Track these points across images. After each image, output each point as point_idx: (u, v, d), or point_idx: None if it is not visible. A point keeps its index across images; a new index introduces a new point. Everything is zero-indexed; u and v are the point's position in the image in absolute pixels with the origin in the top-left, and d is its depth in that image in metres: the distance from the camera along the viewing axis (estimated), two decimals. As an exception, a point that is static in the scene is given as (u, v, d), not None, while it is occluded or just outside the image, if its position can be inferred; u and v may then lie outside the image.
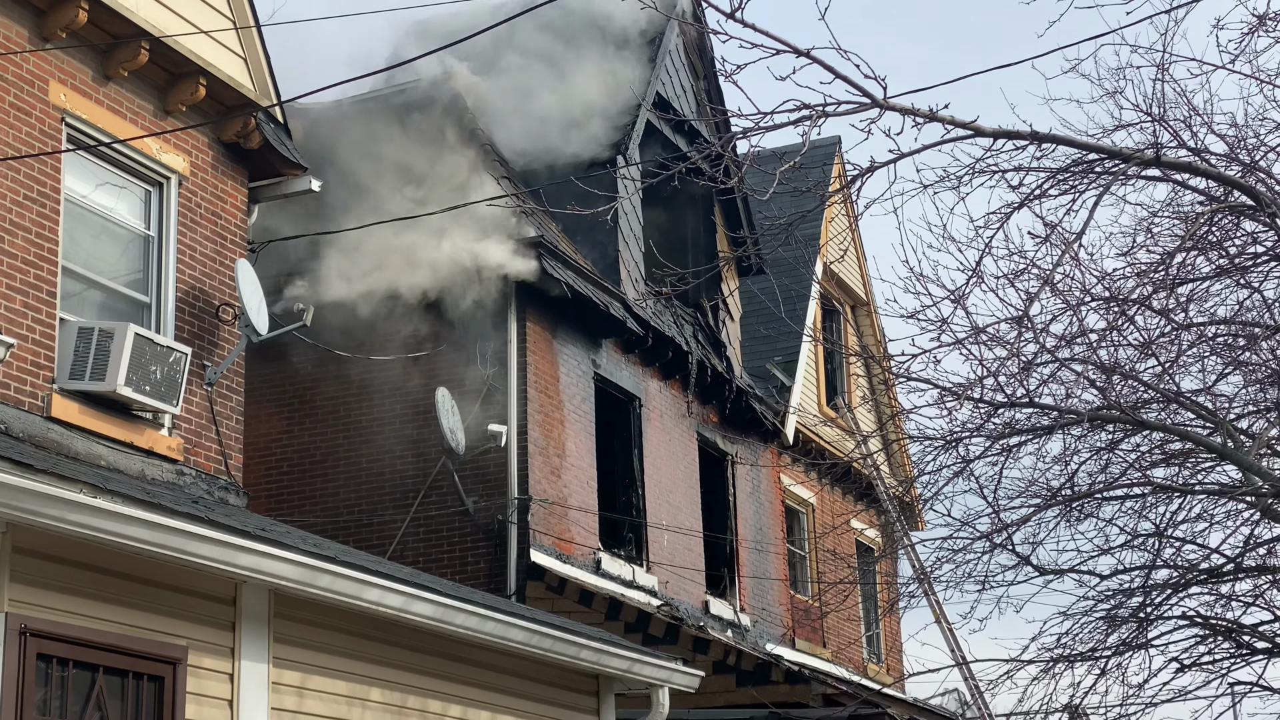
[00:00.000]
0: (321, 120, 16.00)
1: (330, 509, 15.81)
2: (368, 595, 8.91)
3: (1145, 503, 10.25)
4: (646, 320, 17.24)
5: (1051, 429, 9.45)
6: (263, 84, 12.36)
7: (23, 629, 7.14)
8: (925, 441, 9.69)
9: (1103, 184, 8.29)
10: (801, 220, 8.57)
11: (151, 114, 11.60)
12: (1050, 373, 9.34)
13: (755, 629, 19.56)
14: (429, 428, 15.47)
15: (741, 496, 20.04)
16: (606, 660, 11.15)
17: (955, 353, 8.92)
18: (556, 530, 15.72)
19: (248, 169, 12.55)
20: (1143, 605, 10.38)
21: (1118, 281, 9.38)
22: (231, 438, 11.95)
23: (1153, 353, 9.54)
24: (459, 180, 15.85)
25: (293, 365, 16.01)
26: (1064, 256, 8.61)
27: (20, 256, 10.27)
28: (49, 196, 10.59)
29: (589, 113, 17.45)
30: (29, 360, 10.23)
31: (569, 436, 16.28)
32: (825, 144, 21.60)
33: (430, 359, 15.81)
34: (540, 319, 16.05)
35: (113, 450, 10.69)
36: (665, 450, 18.15)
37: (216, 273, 12.04)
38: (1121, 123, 9.28)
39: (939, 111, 7.70)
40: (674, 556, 17.80)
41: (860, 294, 24.27)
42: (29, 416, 10.09)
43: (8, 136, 10.32)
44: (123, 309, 11.31)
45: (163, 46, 11.29)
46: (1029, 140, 8.03)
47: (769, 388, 20.91)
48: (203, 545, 7.75)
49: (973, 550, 9.97)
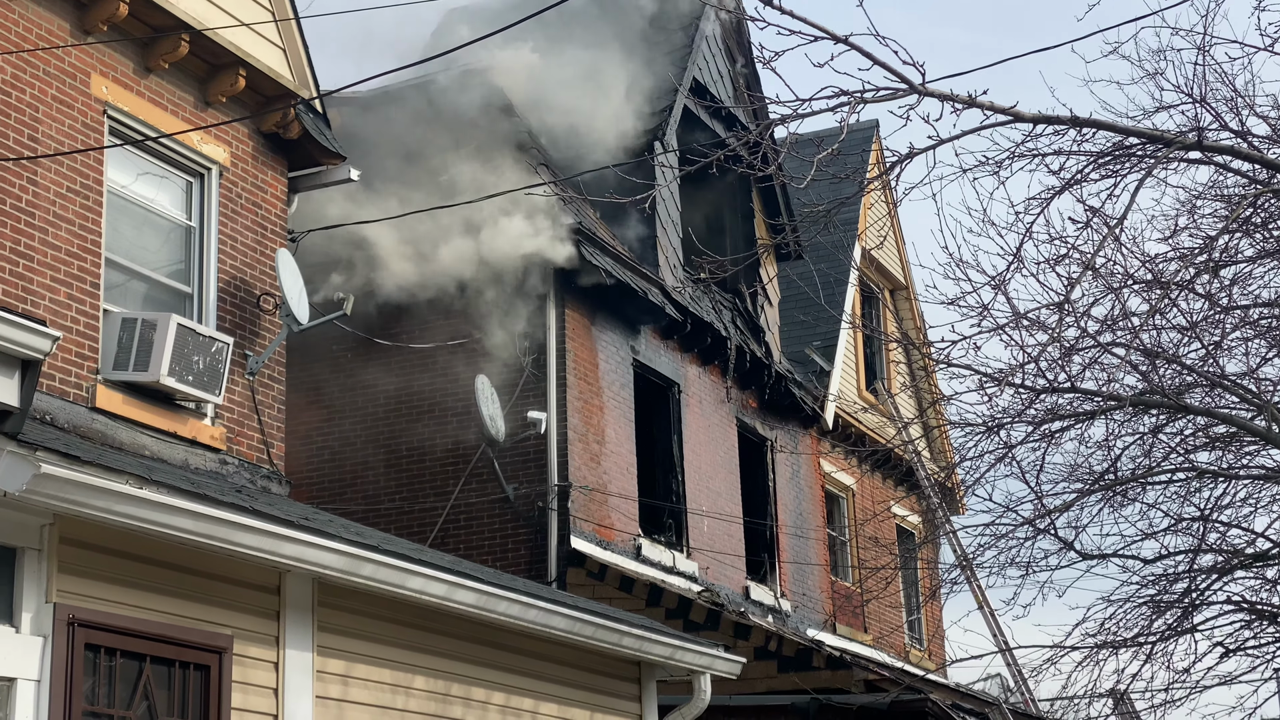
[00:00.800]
0: (361, 108, 16.05)
1: (371, 497, 15.89)
2: (411, 584, 8.95)
3: (1189, 487, 10.19)
4: (685, 306, 17.23)
5: (1094, 414, 9.41)
6: (301, 74, 12.41)
7: (71, 619, 7.21)
8: (967, 427, 9.66)
9: (1145, 168, 8.23)
10: (840, 207, 8.55)
11: (192, 105, 11.66)
12: (1092, 357, 9.30)
13: (796, 614, 19.56)
14: (469, 415, 15.52)
15: (781, 482, 20.03)
16: (648, 647, 11.17)
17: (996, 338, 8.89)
18: (597, 517, 15.75)
19: (287, 159, 12.61)
20: (1188, 590, 10.33)
21: (1160, 265, 9.33)
22: (273, 426, 12.02)
23: (1196, 336, 9.48)
24: (497, 168, 15.87)
25: (333, 354, 16.08)
26: (1105, 241, 8.56)
27: (65, 249, 10.35)
28: (92, 189, 10.66)
29: (626, 99, 17.44)
30: (73, 351, 10.31)
31: (608, 423, 16.30)
32: (863, 128, 21.52)
33: (470, 346, 15.85)
34: (579, 306, 16.07)
35: (156, 440, 10.77)
36: (704, 436, 18.15)
37: (257, 262, 12.11)
38: (1162, 104, 9.23)
39: (978, 97, 7.67)
40: (714, 542, 17.82)
41: (899, 279, 24.19)
42: (74, 407, 10.17)
43: (51, 130, 10.39)
44: (165, 299, 11.38)
45: (203, 38, 11.34)
46: (1069, 125, 7.98)
47: (808, 373, 20.88)
48: (247, 535, 7.80)
49: (1016, 536, 9.94)
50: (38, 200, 10.21)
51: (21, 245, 10.04)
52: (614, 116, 17.32)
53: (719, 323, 18.23)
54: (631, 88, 17.53)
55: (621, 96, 17.41)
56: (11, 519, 7.00)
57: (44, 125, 10.35)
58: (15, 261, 9.99)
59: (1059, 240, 8.89)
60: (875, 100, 7.48)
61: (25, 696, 6.98)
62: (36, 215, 10.19)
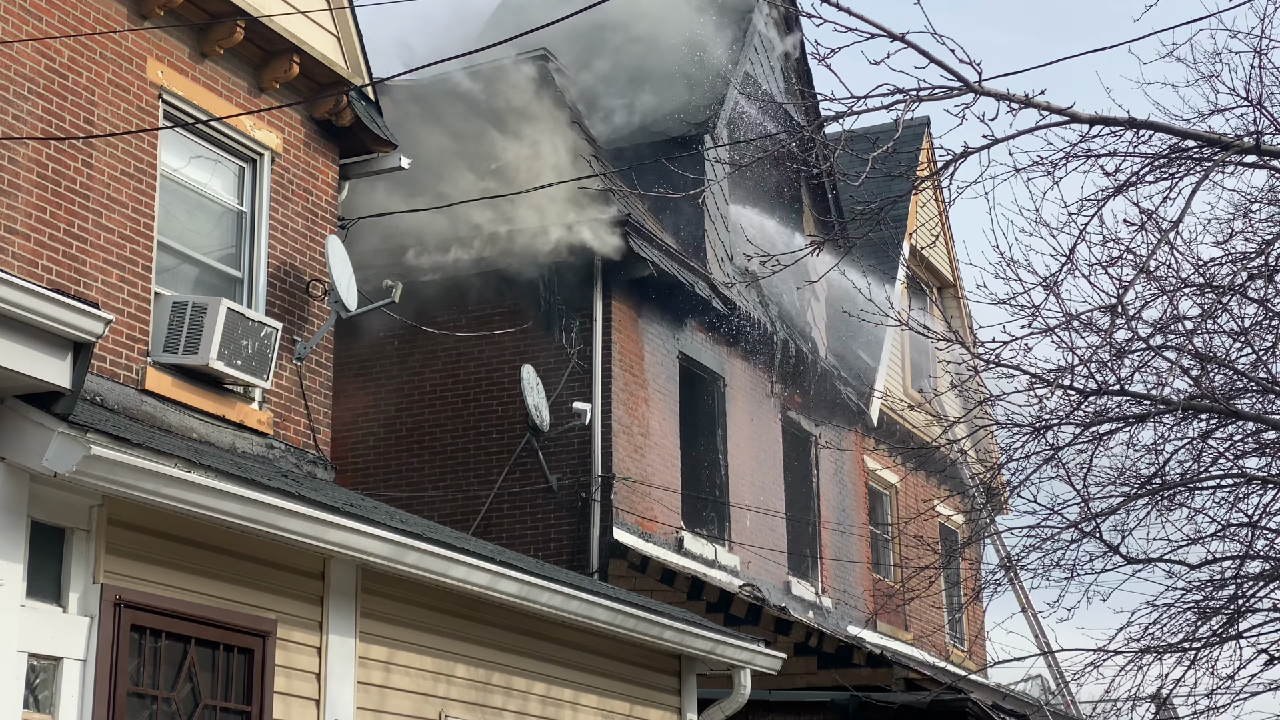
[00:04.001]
0: (413, 94, 16.09)
1: (415, 484, 15.95)
2: (454, 572, 8.98)
3: (1238, 493, 10.10)
4: (731, 300, 17.21)
5: (1143, 417, 9.33)
6: (354, 61, 12.45)
7: (117, 600, 7.27)
8: (1014, 428, 9.60)
9: (1201, 171, 8.15)
10: (891, 205, 8.51)
11: (245, 91, 11.71)
12: (1143, 361, 9.23)
13: (836, 611, 19.51)
14: (514, 404, 15.55)
15: (824, 478, 19.98)
16: (689, 641, 11.17)
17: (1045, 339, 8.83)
18: (639, 509, 15.76)
19: (339, 146, 12.66)
20: (1234, 597, 10.24)
21: (1213, 269, 9.24)
22: (320, 412, 12.08)
23: (1248, 341, 9.39)
24: (548, 158, 15.89)
25: (380, 340, 16.15)
26: (1160, 244, 8.48)
27: (118, 231, 10.43)
28: (145, 172, 10.73)
29: (677, 91, 17.42)
30: (124, 334, 10.39)
31: (653, 415, 16.30)
32: (914, 124, 21.39)
33: (516, 336, 15.88)
34: (626, 297, 16.07)
35: (204, 423, 10.84)
36: (749, 430, 18.13)
37: (307, 248, 12.16)
38: (1218, 107, 9.14)
39: (1034, 97, 7.61)
40: (756, 537, 17.80)
41: (948, 276, 24.07)
42: (124, 389, 10.25)
43: (107, 113, 10.47)
44: (215, 283, 11.46)
45: (258, 25, 11.40)
46: (1126, 126, 7.91)
47: (854, 369, 20.81)
48: (293, 520, 7.84)
49: (1061, 538, 9.88)
50: (92, 183, 10.29)
51: (76, 227, 10.12)
52: (665, 108, 17.31)
53: (766, 317, 18.19)
54: (683, 80, 17.50)
55: (673, 88, 17.39)
56: (61, 499, 7.06)
57: (100, 109, 10.43)
58: (69, 243, 10.07)
59: (1112, 242, 8.82)
60: (931, 99, 7.44)
61: (71, 676, 7.04)
62: (91, 197, 10.27)
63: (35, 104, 9.98)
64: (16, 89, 9.87)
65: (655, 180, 15.53)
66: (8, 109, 9.78)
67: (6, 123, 9.76)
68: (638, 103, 17.50)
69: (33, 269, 9.73)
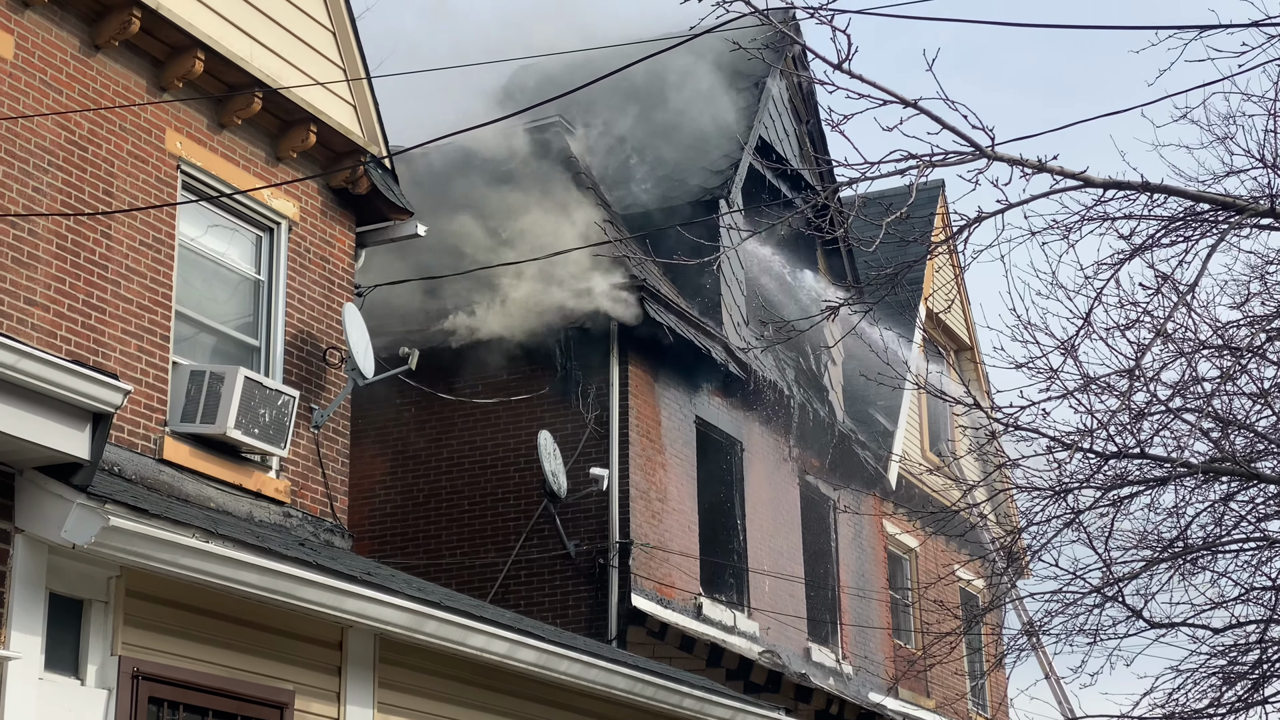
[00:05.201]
0: (429, 164, 16.18)
1: (433, 551, 15.90)
2: (473, 641, 8.94)
3: (1261, 557, 10.03)
4: (748, 364, 17.20)
5: (1164, 480, 9.28)
6: (371, 130, 12.53)
7: (135, 672, 7.24)
8: (1034, 492, 9.55)
9: (1217, 234, 8.15)
10: (907, 270, 8.51)
11: (263, 161, 11.79)
12: (1163, 423, 9.19)
13: (857, 677, 19.37)
14: (531, 470, 15.53)
15: (843, 542, 19.89)
16: (709, 709, 11.09)
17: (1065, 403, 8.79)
18: (657, 574, 15.69)
19: (355, 214, 12.72)
20: (1259, 661, 10.14)
21: (1231, 331, 9.22)
22: (337, 480, 12.07)
23: (1268, 403, 9.35)
24: (563, 224, 15.95)
25: (396, 407, 16.16)
26: (1177, 306, 8.47)
27: (136, 301, 10.48)
28: (164, 243, 10.79)
29: (691, 156, 17.50)
30: (143, 403, 10.41)
31: (670, 480, 16.26)
32: (930, 187, 21.48)
33: (532, 402, 15.88)
34: (642, 362, 16.07)
35: (221, 492, 10.83)
36: (767, 494, 18.07)
37: (324, 316, 12.20)
38: (1233, 169, 9.15)
39: (1047, 162, 7.62)
40: (775, 602, 17.70)
41: (965, 339, 24.05)
42: (141, 459, 10.26)
43: (125, 184, 10.54)
44: (233, 352, 11.49)
45: (275, 95, 11.49)
46: (1140, 190, 7.92)
47: (872, 432, 20.75)
48: (311, 590, 7.82)
49: (1083, 603, 9.81)
50: (111, 254, 10.35)
51: (94, 298, 10.17)
52: (680, 173, 17.38)
53: (783, 381, 18.18)
54: (697, 145, 17.58)
55: (687, 154, 17.47)
56: (79, 571, 7.05)
57: (119, 179, 10.51)
58: (88, 314, 10.12)
59: (1129, 305, 8.80)
60: (944, 164, 7.45)
61: (88, 748, 7.00)
62: (110, 268, 10.32)
63: (55, 176, 10.06)
64: (37, 161, 9.95)
65: (671, 245, 15.58)
66: (28, 181, 9.86)
67: (27, 195, 9.84)
68: (652, 168, 17.58)
69: (52, 340, 9.77)
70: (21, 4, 10.00)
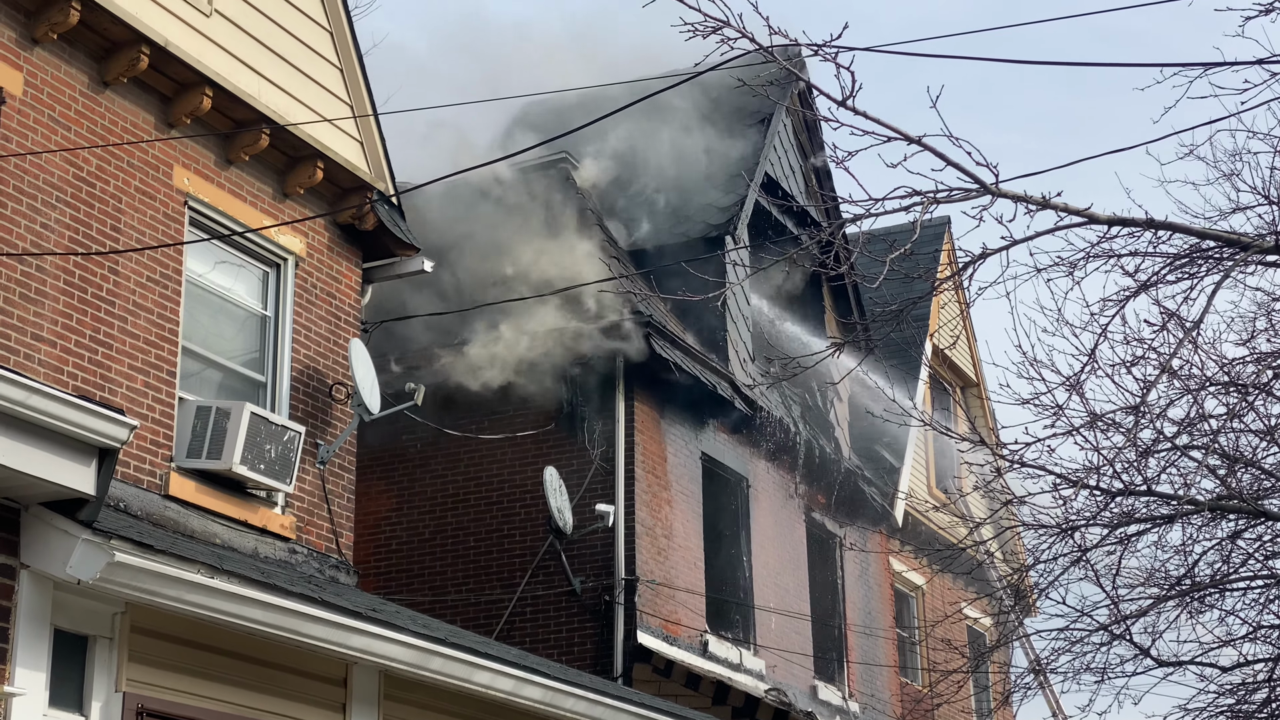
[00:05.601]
0: (435, 199, 16.22)
1: (438, 588, 15.87)
2: (478, 678, 8.91)
3: (1268, 594, 10.00)
4: (754, 400, 17.19)
5: (1171, 518, 9.26)
6: (378, 166, 12.58)
7: (140, 709, 7.22)
8: (1041, 529, 9.54)
9: (1222, 270, 8.15)
10: (912, 306, 8.52)
11: (270, 196, 11.83)
12: (1169, 460, 9.18)
13: (864, 716, 19.28)
14: (536, 506, 15.51)
15: (850, 579, 19.84)
16: (714, 746, 11.04)
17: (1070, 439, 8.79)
18: (663, 611, 15.64)
19: (362, 249, 12.75)
20: (1267, 700, 10.09)
21: (1237, 367, 9.21)
22: (343, 516, 12.06)
23: (1275, 440, 9.33)
24: (570, 260, 15.97)
25: (402, 443, 16.15)
26: (1182, 344, 8.46)
27: (143, 337, 10.49)
28: (171, 279, 10.82)
29: (697, 192, 17.54)
30: (148, 439, 10.41)
31: (676, 517, 16.24)
32: (935, 224, 21.47)
33: (538, 438, 15.87)
34: (648, 398, 16.07)
35: (227, 528, 10.83)
36: (773, 531, 18.03)
37: (330, 352, 12.21)
38: (1239, 205, 9.18)
39: (1052, 199, 7.63)
40: (782, 640, 17.64)
41: (971, 376, 24.04)
42: (147, 494, 10.26)
43: (133, 220, 10.58)
44: (239, 387, 11.50)
45: (283, 132, 11.53)
46: (1144, 227, 7.93)
47: (878, 469, 20.72)
48: (316, 626, 7.80)
49: (1091, 641, 9.78)
50: (118, 289, 10.37)
51: (101, 333, 10.19)
52: (686, 210, 17.42)
53: (789, 417, 18.16)
54: (704, 182, 17.62)
55: (693, 190, 17.51)
56: (84, 607, 7.04)
57: (126, 216, 10.54)
58: (94, 349, 10.13)
59: (1135, 342, 8.81)
60: (949, 201, 7.46)
61: (92, 785, 6.98)
62: (117, 304, 10.35)
63: (63, 212, 10.09)
64: (45, 198, 9.99)
65: (677, 281, 15.60)
66: (36, 218, 9.89)
67: (35, 231, 9.87)
68: (659, 204, 17.62)
69: (59, 375, 9.78)
70: (31, 41, 10.06)
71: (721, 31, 7.02)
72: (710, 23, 6.98)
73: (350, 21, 12.49)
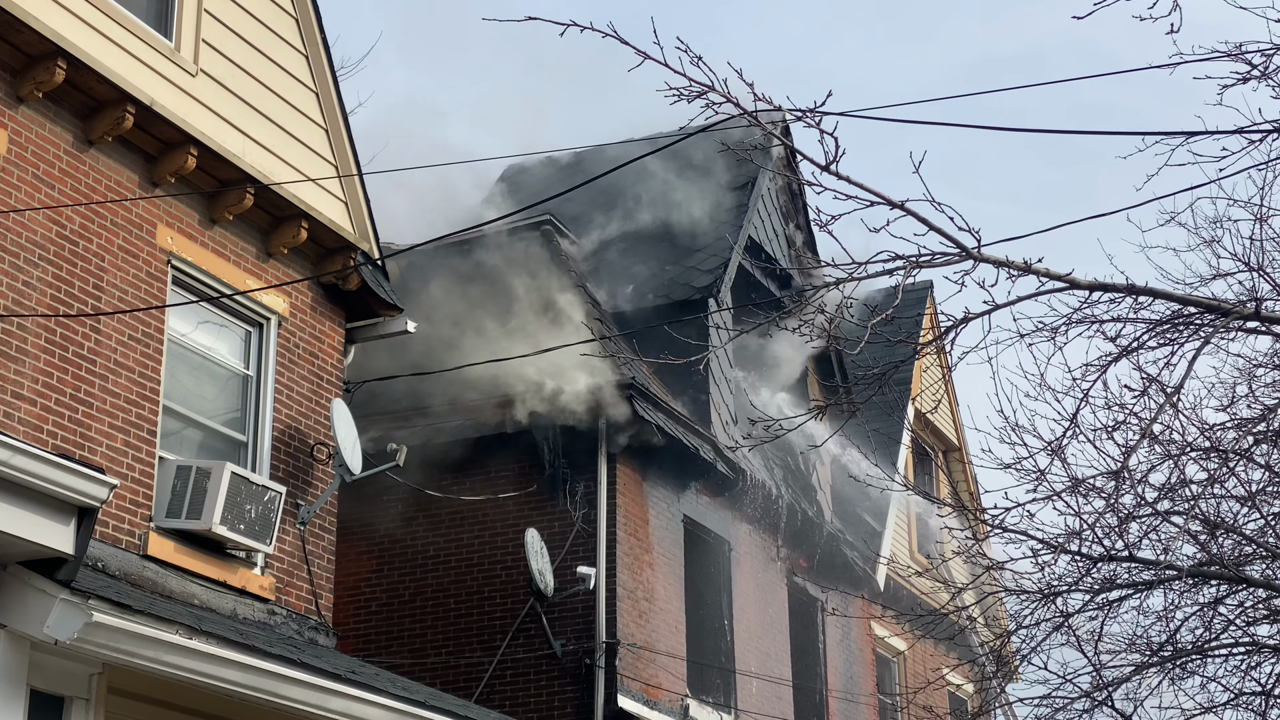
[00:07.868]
0: (419, 261, 16.25)
1: (417, 650, 15.76)
2: (455, 742, 8.84)
3: (1250, 661, 9.98)
4: (737, 463, 17.18)
5: (1152, 584, 9.26)
6: (362, 226, 12.60)
7: (113, 771, 7.15)
8: (1022, 595, 9.52)
9: (1202, 336, 8.19)
10: (894, 370, 8.53)
11: (254, 256, 11.84)
12: (1150, 526, 9.18)
13: (845, 780, 19.15)
14: (518, 569, 15.44)
15: (831, 644, 19.76)
16: (694, 812, 10.96)
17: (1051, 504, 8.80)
18: (644, 675, 15.56)
19: (345, 309, 12.75)
20: (1249, 767, 10.06)
21: (1218, 433, 9.24)
22: (323, 577, 12.00)
23: (1256, 506, 9.35)
24: (552, 322, 15.99)
25: (383, 504, 16.08)
26: (1163, 409, 8.49)
27: (124, 396, 10.46)
28: (153, 338, 10.80)
29: (681, 255, 17.60)
30: (128, 498, 10.36)
31: (657, 580, 16.18)
32: (918, 288, 21.58)
33: (520, 499, 15.83)
34: (630, 461, 16.04)
35: (206, 589, 10.75)
36: (754, 595, 17.97)
37: (312, 412, 12.18)
38: (1220, 272, 9.23)
39: (1034, 264, 7.67)
40: (763, 704, 17.54)
41: (953, 440, 24.06)
42: (125, 554, 10.19)
43: (116, 279, 10.57)
44: (220, 447, 11.45)
45: (267, 191, 11.56)
46: (1125, 293, 7.96)
47: (860, 533, 20.68)
48: (295, 688, 7.74)
49: (1073, 708, 9.74)
50: (99, 348, 10.35)
51: (81, 392, 10.16)
52: (668, 272, 17.47)
53: (771, 481, 18.15)
54: (688, 243, 17.69)
55: (676, 252, 17.57)
56: (61, 667, 6.98)
57: (109, 274, 10.53)
58: (75, 408, 10.10)
59: (1116, 407, 8.83)
60: (930, 265, 7.49)
61: None
62: (98, 363, 10.32)
63: (45, 270, 10.09)
64: (27, 255, 9.98)
65: (659, 343, 15.62)
66: (18, 275, 9.88)
67: (17, 289, 9.86)
68: (641, 267, 17.67)
69: (38, 434, 9.74)
70: (16, 99, 10.08)
71: (706, 96, 7.06)
72: (695, 87, 7.03)
73: (335, 81, 12.55)
